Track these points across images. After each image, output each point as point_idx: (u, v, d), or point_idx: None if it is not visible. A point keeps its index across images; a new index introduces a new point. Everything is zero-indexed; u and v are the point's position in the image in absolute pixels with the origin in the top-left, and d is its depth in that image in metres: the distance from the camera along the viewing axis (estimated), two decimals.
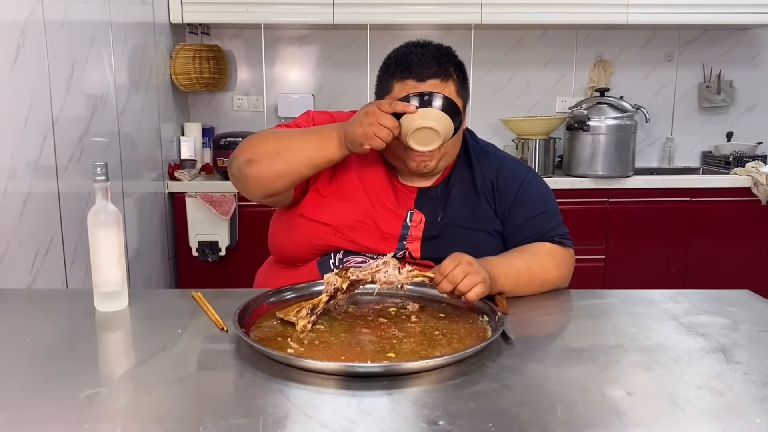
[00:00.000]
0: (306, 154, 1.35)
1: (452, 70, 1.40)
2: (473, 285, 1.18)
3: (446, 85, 1.39)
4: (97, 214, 1.23)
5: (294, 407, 0.87)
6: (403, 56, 1.41)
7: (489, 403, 0.89)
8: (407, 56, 1.40)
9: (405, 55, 1.41)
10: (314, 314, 1.14)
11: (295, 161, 1.35)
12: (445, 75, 1.39)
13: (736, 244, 3.23)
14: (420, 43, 1.44)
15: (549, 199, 1.51)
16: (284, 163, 1.36)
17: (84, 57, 2.21)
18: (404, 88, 1.38)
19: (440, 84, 1.38)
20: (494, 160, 1.52)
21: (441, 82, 1.38)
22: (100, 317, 1.23)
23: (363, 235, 1.44)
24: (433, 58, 1.39)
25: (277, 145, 1.38)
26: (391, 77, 1.41)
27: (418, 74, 1.37)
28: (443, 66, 1.39)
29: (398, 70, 1.40)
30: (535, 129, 3.26)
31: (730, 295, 1.38)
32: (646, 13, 3.22)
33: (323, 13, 3.15)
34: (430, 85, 1.37)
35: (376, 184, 1.47)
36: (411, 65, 1.38)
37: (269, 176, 1.37)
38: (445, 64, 1.40)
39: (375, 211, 1.44)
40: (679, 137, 3.70)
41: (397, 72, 1.40)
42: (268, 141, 1.40)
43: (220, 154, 3.13)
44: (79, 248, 2.09)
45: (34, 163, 1.88)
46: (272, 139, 1.40)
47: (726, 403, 0.90)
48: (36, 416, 0.86)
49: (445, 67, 1.39)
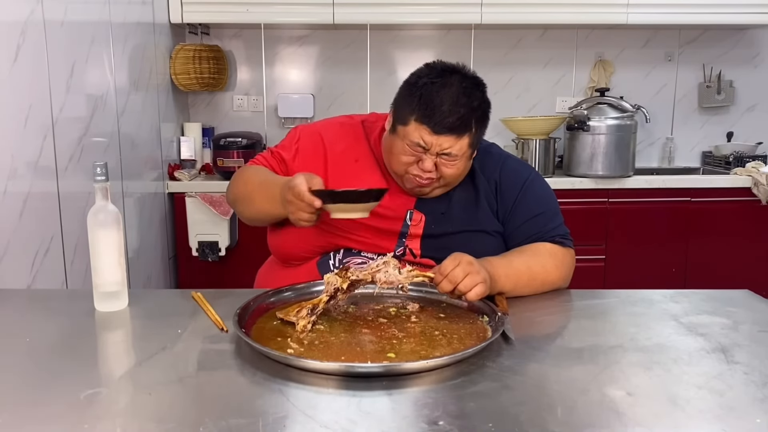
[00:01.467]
0: (264, 207, 1.43)
1: (472, 122, 1.35)
2: (473, 285, 1.19)
3: (460, 139, 1.35)
4: (97, 214, 1.23)
5: (294, 407, 0.87)
6: (428, 96, 1.34)
7: (489, 403, 0.89)
8: (430, 97, 1.33)
9: (430, 96, 1.34)
10: (314, 314, 1.14)
11: (260, 210, 1.46)
12: (462, 131, 1.34)
13: (736, 244, 3.23)
14: (447, 79, 1.36)
15: (550, 200, 1.51)
16: (253, 210, 1.48)
17: (84, 57, 2.21)
18: (418, 131, 1.34)
19: (454, 139, 1.34)
20: (498, 160, 1.52)
21: (456, 138, 1.34)
22: (100, 317, 1.23)
23: (362, 233, 1.44)
24: (456, 107, 1.33)
25: (246, 191, 1.47)
26: (410, 111, 1.35)
27: (435, 125, 1.33)
28: (464, 122, 1.34)
29: (419, 110, 1.34)
30: (535, 129, 3.26)
31: (730, 295, 1.38)
32: (646, 13, 3.22)
33: (323, 13, 3.15)
34: (445, 139, 1.34)
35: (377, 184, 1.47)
36: (433, 113, 1.33)
37: (248, 217, 1.52)
38: (466, 120, 1.34)
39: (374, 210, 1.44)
40: (679, 137, 3.70)
41: (417, 111, 1.34)
42: (245, 185, 1.48)
43: (220, 154, 3.13)
44: (79, 248, 2.09)
45: (34, 163, 1.88)
46: (246, 184, 1.48)
47: (726, 403, 0.90)
48: (36, 416, 0.86)
49: (465, 124, 1.34)
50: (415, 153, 1.37)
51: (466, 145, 1.37)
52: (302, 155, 1.51)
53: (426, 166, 1.36)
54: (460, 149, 1.36)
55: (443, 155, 1.36)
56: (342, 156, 1.50)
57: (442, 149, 1.35)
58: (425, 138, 1.35)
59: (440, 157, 1.37)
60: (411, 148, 1.37)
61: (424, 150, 1.36)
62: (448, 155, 1.36)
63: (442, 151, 1.35)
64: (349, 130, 1.54)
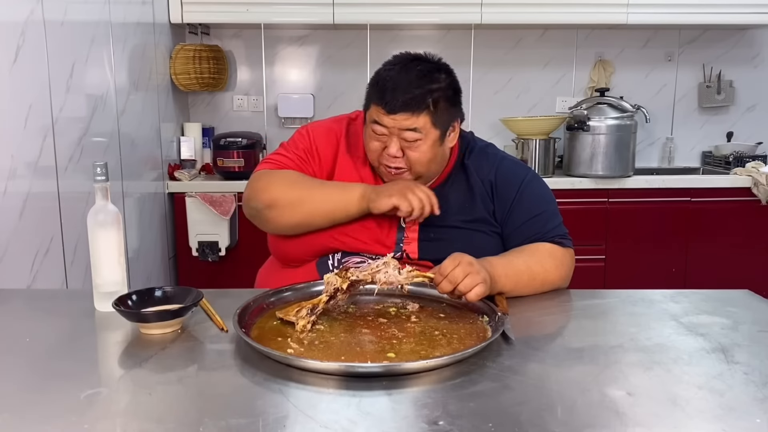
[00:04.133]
0: (327, 207, 1.41)
1: (429, 101, 1.35)
2: (473, 285, 1.18)
3: (416, 117, 1.36)
4: (97, 214, 1.23)
5: (294, 407, 0.87)
6: (382, 81, 1.37)
7: (489, 403, 0.89)
8: (385, 80, 1.37)
9: (384, 80, 1.37)
10: (314, 314, 1.14)
11: (316, 213, 1.41)
12: (417, 108, 1.35)
13: (736, 244, 3.23)
14: (406, 64, 1.39)
15: (549, 200, 1.51)
16: (304, 214, 1.41)
17: (84, 57, 2.21)
18: (376, 113, 1.37)
19: (410, 116, 1.35)
20: (493, 161, 1.51)
21: (411, 115, 1.35)
22: (100, 317, 1.23)
23: (359, 236, 1.44)
24: (409, 89, 1.34)
25: (300, 194, 1.42)
26: (370, 96, 1.41)
27: (387, 104, 1.35)
28: (417, 99, 1.34)
29: (375, 94, 1.38)
30: (535, 129, 3.26)
31: (730, 295, 1.38)
32: (646, 13, 3.22)
33: (323, 13, 3.15)
34: (400, 117, 1.35)
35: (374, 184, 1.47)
36: (384, 93, 1.36)
37: (289, 224, 1.43)
38: (419, 98, 1.35)
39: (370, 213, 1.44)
40: (679, 137, 3.70)
41: (374, 94, 1.39)
42: (292, 188, 1.43)
43: (220, 154, 3.13)
44: (79, 248, 2.09)
45: (34, 163, 1.88)
46: (296, 187, 1.43)
47: (726, 403, 0.90)
48: (36, 416, 0.86)
49: (419, 101, 1.34)
50: (379, 138, 1.39)
51: (426, 124, 1.37)
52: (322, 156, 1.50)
53: (391, 150, 1.38)
54: (420, 126, 1.36)
55: (403, 137, 1.37)
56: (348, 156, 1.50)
57: (400, 128, 1.36)
58: (382, 118, 1.36)
59: (403, 140, 1.38)
60: (374, 132, 1.39)
61: (384, 132, 1.38)
62: (407, 134, 1.36)
63: (402, 130, 1.36)
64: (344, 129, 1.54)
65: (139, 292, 1.21)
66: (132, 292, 1.21)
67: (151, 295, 1.21)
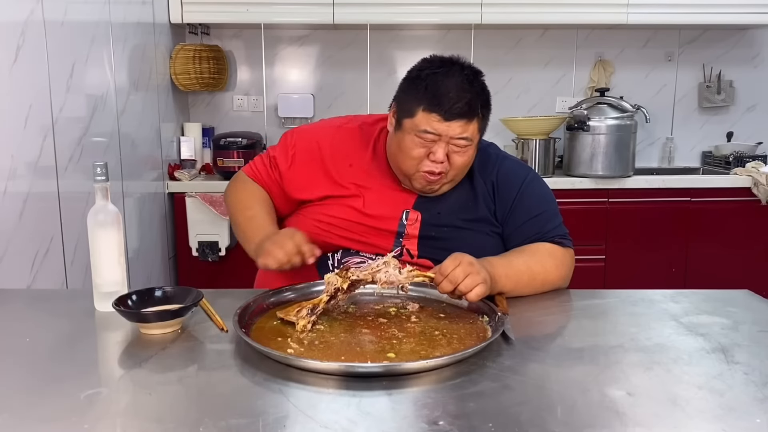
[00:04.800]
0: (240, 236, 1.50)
1: (479, 107, 1.36)
2: (474, 285, 1.18)
3: (470, 124, 1.36)
4: (97, 214, 1.23)
5: (294, 407, 0.87)
6: (435, 86, 1.34)
7: (489, 403, 0.89)
8: (439, 87, 1.34)
9: (437, 86, 1.34)
10: (314, 314, 1.14)
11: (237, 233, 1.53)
12: (471, 115, 1.35)
13: (736, 244, 3.23)
14: (449, 68, 1.38)
15: (549, 200, 1.51)
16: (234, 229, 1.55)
17: (84, 57, 2.21)
18: (428, 120, 1.35)
19: (465, 124, 1.35)
20: (495, 161, 1.52)
21: (467, 123, 1.35)
22: (100, 317, 1.23)
23: (360, 232, 1.45)
24: (463, 95, 1.34)
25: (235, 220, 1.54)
26: (417, 101, 1.36)
27: (446, 112, 1.33)
28: (472, 106, 1.35)
29: (426, 99, 1.34)
30: (535, 129, 3.26)
31: (730, 295, 1.38)
32: (646, 13, 3.22)
33: (323, 13, 3.15)
34: (456, 124, 1.34)
35: (374, 185, 1.48)
36: (441, 100, 1.33)
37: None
38: (474, 104, 1.35)
39: (371, 209, 1.45)
40: (679, 137, 3.70)
41: (424, 100, 1.35)
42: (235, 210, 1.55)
43: (220, 154, 3.13)
44: (79, 248, 2.09)
45: (34, 163, 1.88)
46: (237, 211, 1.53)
47: (726, 403, 0.90)
48: (36, 416, 0.86)
49: (473, 108, 1.35)
50: (426, 144, 1.37)
51: (476, 130, 1.38)
52: (299, 162, 1.52)
53: (438, 156, 1.36)
54: (471, 134, 1.37)
55: (454, 143, 1.36)
56: (339, 160, 1.50)
57: (454, 135, 1.35)
58: (435, 126, 1.35)
59: (451, 146, 1.37)
60: (421, 139, 1.37)
61: (435, 139, 1.36)
62: (460, 142, 1.36)
63: (455, 137, 1.35)
64: (346, 133, 1.54)
65: (139, 292, 1.21)
66: (132, 292, 1.21)
67: (151, 295, 1.21)
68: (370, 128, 1.55)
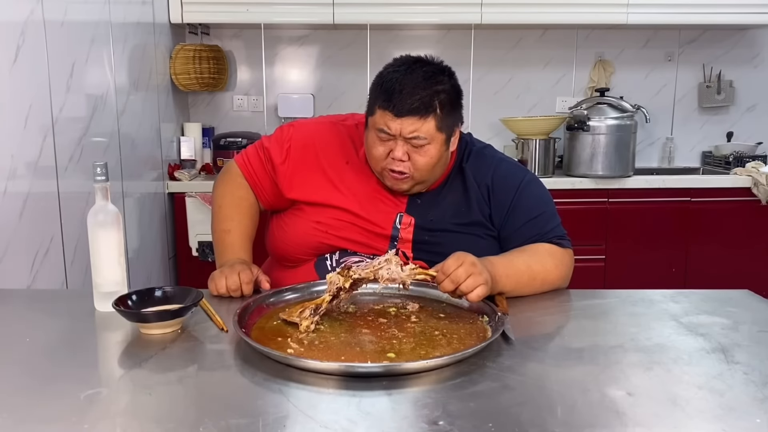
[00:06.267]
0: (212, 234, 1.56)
1: (436, 104, 1.34)
2: (476, 286, 1.18)
3: (424, 121, 1.34)
4: (97, 214, 1.23)
5: (294, 407, 0.87)
6: (389, 83, 1.35)
7: (489, 403, 0.89)
8: (392, 83, 1.34)
9: (391, 83, 1.34)
10: (317, 314, 1.14)
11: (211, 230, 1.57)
12: (425, 112, 1.33)
13: (736, 244, 3.23)
14: (410, 66, 1.37)
15: (547, 201, 1.51)
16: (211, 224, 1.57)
17: (84, 57, 2.21)
18: (384, 118, 1.35)
19: (417, 121, 1.34)
20: (491, 163, 1.51)
21: (419, 119, 1.34)
22: (100, 317, 1.23)
23: (355, 234, 1.45)
24: (416, 90, 1.33)
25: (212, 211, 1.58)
26: (374, 100, 1.38)
27: (396, 107, 1.33)
28: (425, 102, 1.33)
29: (381, 97, 1.35)
30: (535, 129, 3.26)
31: (730, 295, 1.38)
32: (646, 13, 3.22)
33: (323, 13, 3.15)
34: (407, 122, 1.33)
35: (370, 186, 1.48)
36: (392, 96, 1.33)
37: None
38: (428, 99, 1.33)
39: (366, 211, 1.45)
40: (679, 137, 3.70)
41: (379, 98, 1.36)
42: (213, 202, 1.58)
43: (220, 154, 3.13)
44: (79, 248, 2.08)
45: (34, 163, 1.88)
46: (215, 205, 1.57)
47: (726, 403, 0.90)
48: (36, 416, 0.86)
49: (426, 103, 1.33)
50: (385, 143, 1.37)
51: (432, 128, 1.35)
52: (294, 157, 1.51)
53: (396, 154, 1.36)
54: (426, 132, 1.35)
55: (411, 142, 1.36)
56: (335, 158, 1.50)
57: (408, 133, 1.34)
58: (389, 123, 1.35)
59: (410, 145, 1.36)
60: (379, 137, 1.37)
61: (391, 137, 1.36)
62: (416, 140, 1.35)
63: (409, 136, 1.35)
64: (343, 130, 1.54)
65: (139, 292, 1.21)
66: (132, 292, 1.21)
67: (151, 295, 1.21)
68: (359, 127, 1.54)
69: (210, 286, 1.37)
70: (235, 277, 1.34)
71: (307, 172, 1.49)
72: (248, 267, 1.38)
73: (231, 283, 1.33)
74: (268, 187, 1.54)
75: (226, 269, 1.37)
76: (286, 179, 1.51)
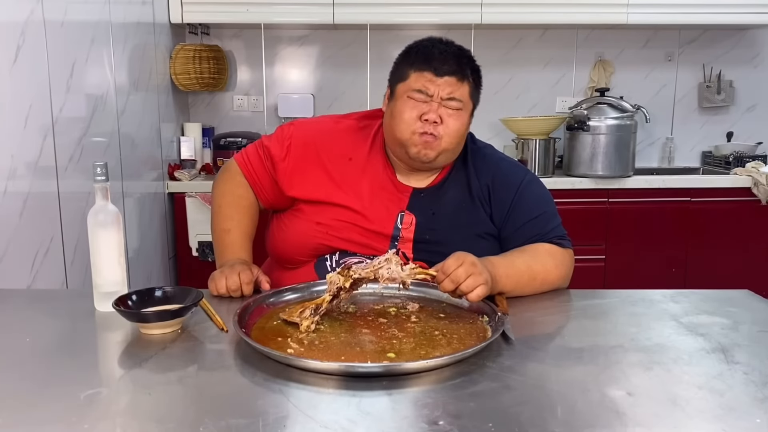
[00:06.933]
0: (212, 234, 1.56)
1: (470, 72, 1.41)
2: (476, 286, 1.18)
3: (461, 85, 1.40)
4: (97, 214, 1.23)
5: (294, 407, 0.87)
6: (425, 48, 1.41)
7: (489, 403, 0.89)
8: (429, 49, 1.41)
9: (427, 48, 1.41)
10: (318, 314, 1.14)
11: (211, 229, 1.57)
12: (462, 75, 1.40)
13: (736, 244, 3.23)
14: (443, 40, 1.44)
15: (547, 201, 1.51)
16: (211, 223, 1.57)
17: (84, 57, 2.21)
18: (420, 79, 1.39)
19: (456, 83, 1.39)
20: (491, 163, 1.51)
21: (457, 81, 1.39)
22: (100, 317, 1.23)
23: (355, 234, 1.44)
24: (454, 56, 1.40)
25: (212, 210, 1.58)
26: (409, 66, 1.42)
27: (437, 69, 1.38)
28: (462, 67, 1.40)
29: (418, 61, 1.40)
30: (535, 129, 3.26)
31: (730, 295, 1.38)
32: (646, 13, 3.22)
33: (323, 13, 3.15)
34: (447, 82, 1.38)
35: (373, 182, 1.48)
36: (432, 58, 1.39)
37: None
38: (464, 66, 1.40)
39: (367, 209, 1.45)
40: (679, 137, 3.70)
41: (416, 62, 1.40)
42: (213, 201, 1.58)
43: (220, 154, 3.13)
44: (79, 248, 2.08)
45: (34, 163, 1.88)
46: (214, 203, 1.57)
47: (726, 403, 0.90)
48: (36, 416, 0.86)
49: (463, 68, 1.40)
50: (418, 105, 1.39)
51: (467, 93, 1.41)
52: (294, 155, 1.51)
53: (431, 116, 1.38)
54: (462, 95, 1.39)
55: (446, 104, 1.38)
56: (337, 154, 1.50)
57: (446, 94, 1.38)
58: (427, 84, 1.38)
59: (443, 108, 1.39)
60: (414, 100, 1.39)
61: (426, 99, 1.38)
62: (452, 102, 1.38)
63: (447, 96, 1.38)
64: (345, 128, 1.54)
65: (139, 292, 1.21)
66: (132, 292, 1.21)
67: (151, 295, 1.21)
68: (369, 121, 1.55)
69: (210, 286, 1.37)
70: (235, 277, 1.34)
71: (307, 169, 1.49)
72: (248, 267, 1.38)
73: (231, 284, 1.33)
74: (267, 186, 1.54)
75: (226, 269, 1.37)
76: (286, 177, 1.50)
